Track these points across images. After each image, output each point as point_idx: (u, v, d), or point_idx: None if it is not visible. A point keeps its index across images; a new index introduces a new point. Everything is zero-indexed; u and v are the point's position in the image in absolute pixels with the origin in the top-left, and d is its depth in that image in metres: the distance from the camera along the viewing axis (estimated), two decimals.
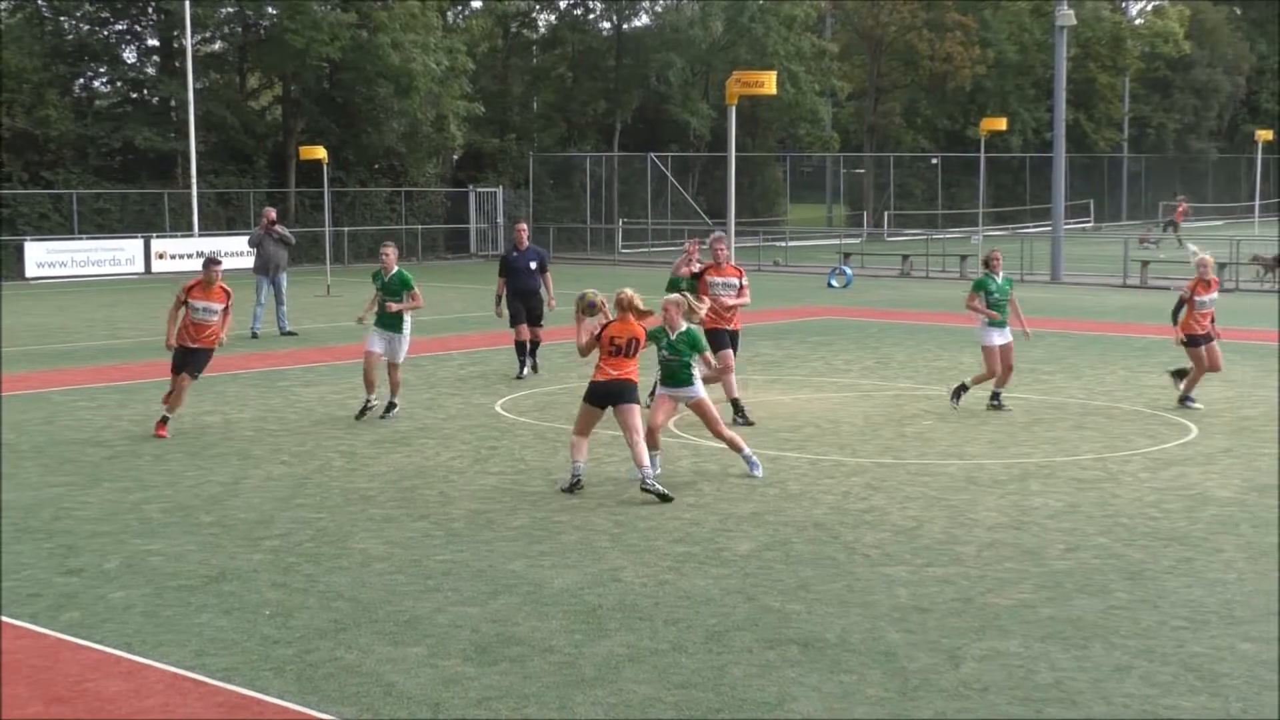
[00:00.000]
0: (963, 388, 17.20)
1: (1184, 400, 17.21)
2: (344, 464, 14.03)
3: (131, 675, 8.02)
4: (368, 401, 16.64)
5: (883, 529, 11.24)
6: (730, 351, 16.15)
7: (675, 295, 13.58)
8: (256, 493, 12.71)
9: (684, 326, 13.14)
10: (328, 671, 8.03)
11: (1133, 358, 21.92)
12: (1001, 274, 17.12)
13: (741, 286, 16.50)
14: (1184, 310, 17.23)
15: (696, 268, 16.75)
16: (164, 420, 15.58)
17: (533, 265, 20.14)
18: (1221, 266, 36.20)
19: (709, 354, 13.68)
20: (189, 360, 15.74)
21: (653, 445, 12.88)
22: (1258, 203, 57.03)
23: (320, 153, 35.47)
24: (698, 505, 12.10)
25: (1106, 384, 19.17)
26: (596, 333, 12.75)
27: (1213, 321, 17.37)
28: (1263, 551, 10.49)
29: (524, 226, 20.96)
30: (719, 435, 13.20)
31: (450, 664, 8.14)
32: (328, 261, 38.96)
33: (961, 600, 9.30)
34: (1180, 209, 57.48)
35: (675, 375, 13.12)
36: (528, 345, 20.07)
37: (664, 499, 12.13)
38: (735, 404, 16.04)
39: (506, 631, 8.70)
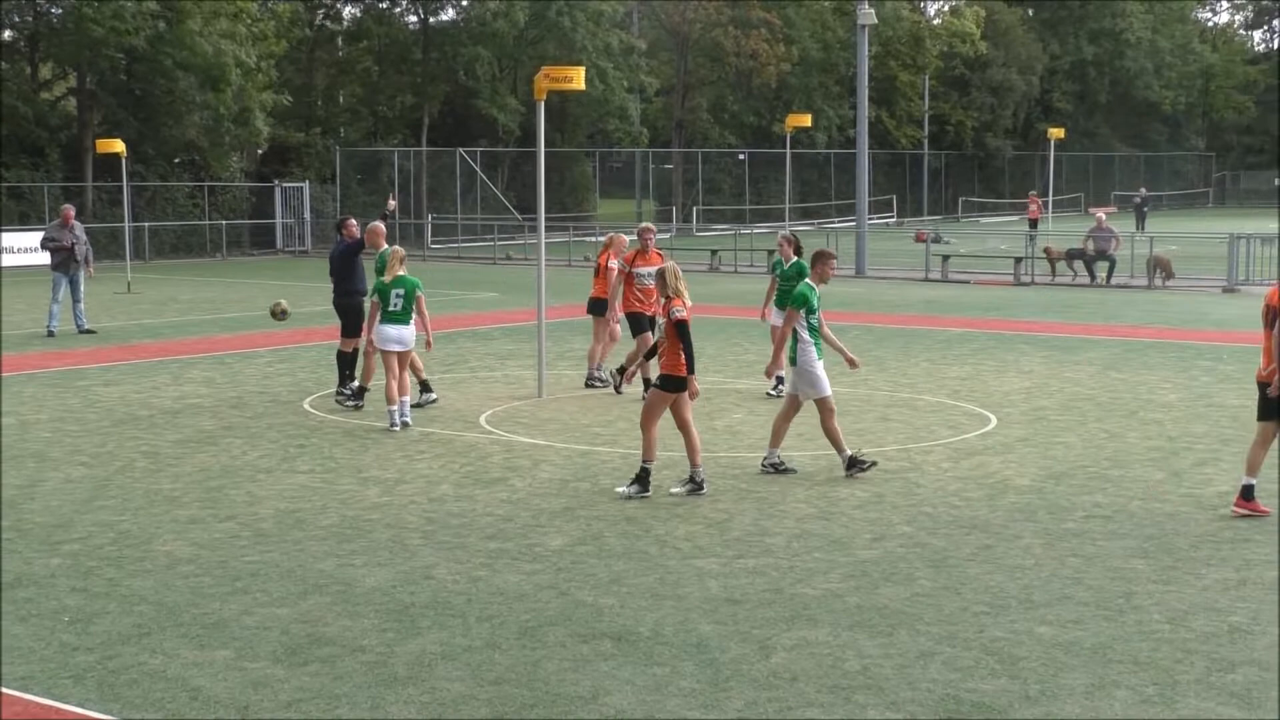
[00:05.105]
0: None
1: None
2: (147, 464, 13.70)
3: None
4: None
5: (694, 522, 11.34)
6: (649, 334, 16.77)
7: None
8: (54, 495, 12.33)
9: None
10: (131, 678, 7.83)
11: (935, 350, 22.45)
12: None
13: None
14: None
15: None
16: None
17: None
18: (1017, 261, 37.30)
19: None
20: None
21: None
22: (1051, 199, 58.73)
23: (118, 146, 34.49)
24: (510, 500, 12.08)
25: (910, 376, 19.61)
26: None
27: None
28: (1058, 537, 10.83)
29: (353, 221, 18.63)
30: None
31: (259, 666, 8.00)
32: (128, 258, 37.95)
33: (772, 590, 9.43)
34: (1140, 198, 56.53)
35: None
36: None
37: None
38: (647, 382, 16.32)
39: (317, 632, 8.58)
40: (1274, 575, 9.76)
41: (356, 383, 17.19)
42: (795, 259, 16.90)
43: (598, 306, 18.41)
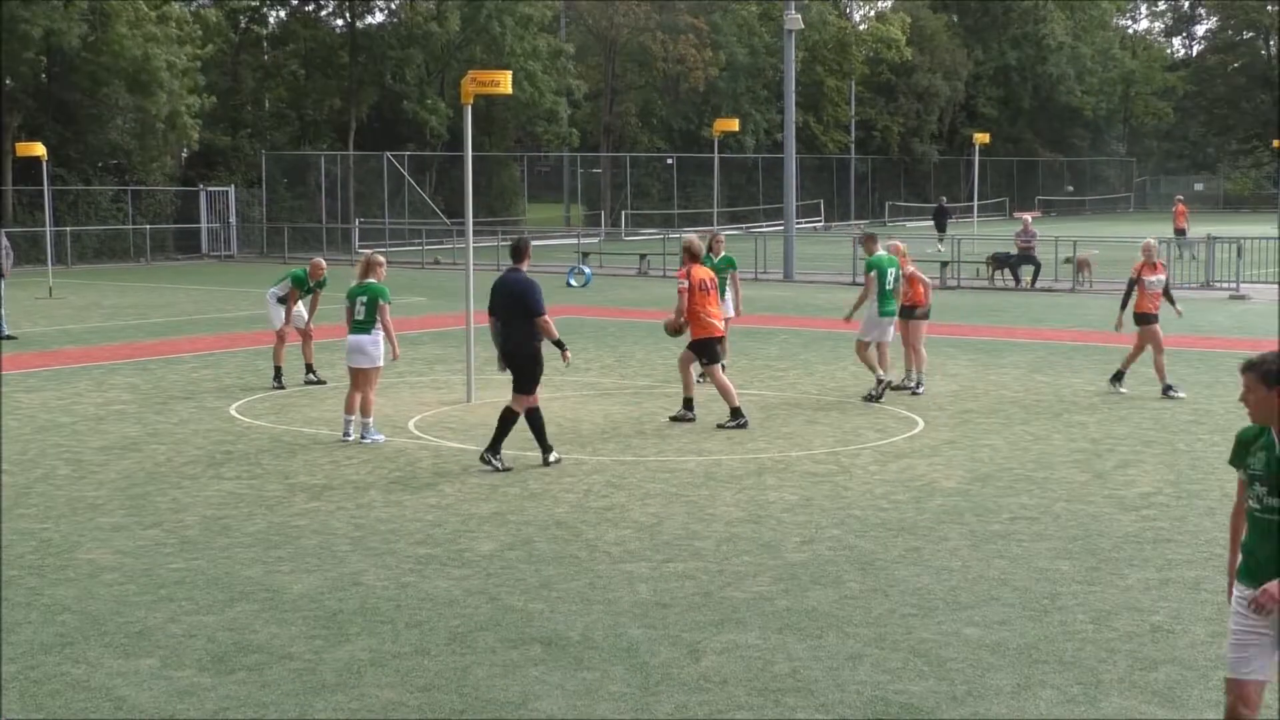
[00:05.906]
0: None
1: (1117, 378, 18.48)
2: (70, 472, 13.53)
3: None
4: None
5: (624, 526, 11.34)
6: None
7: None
8: None
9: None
10: (54, 688, 7.73)
11: None
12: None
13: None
14: (1135, 291, 18.21)
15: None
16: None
17: None
18: (944, 265, 37.61)
19: None
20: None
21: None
22: (976, 203, 59.31)
23: (39, 149, 34.03)
24: (439, 506, 12.03)
25: (838, 379, 19.71)
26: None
27: (1170, 301, 18.73)
28: (985, 539, 10.93)
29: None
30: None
31: (185, 675, 7.92)
32: (49, 263, 37.49)
33: (701, 594, 9.45)
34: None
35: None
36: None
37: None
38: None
39: (244, 640, 8.51)
40: (1194, 575, 9.90)
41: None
42: (723, 254, 18.93)
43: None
